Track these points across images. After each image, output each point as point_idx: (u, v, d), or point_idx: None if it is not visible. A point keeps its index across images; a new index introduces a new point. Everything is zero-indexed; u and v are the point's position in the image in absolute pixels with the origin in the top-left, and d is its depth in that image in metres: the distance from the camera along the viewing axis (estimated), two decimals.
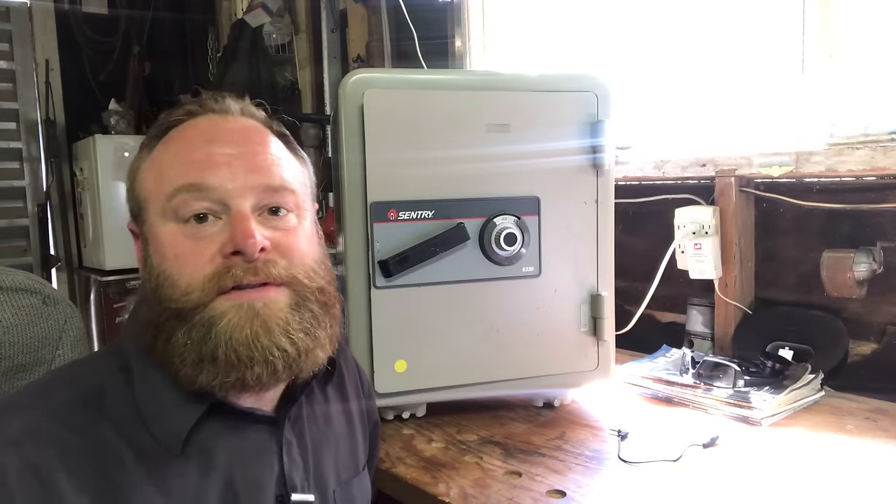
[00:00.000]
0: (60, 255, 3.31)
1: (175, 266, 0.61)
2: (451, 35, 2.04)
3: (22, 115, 3.23)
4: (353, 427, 0.79)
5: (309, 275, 0.65)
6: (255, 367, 0.59)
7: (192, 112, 0.67)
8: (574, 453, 0.94)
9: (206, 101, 0.68)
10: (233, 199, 0.62)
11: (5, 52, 3.20)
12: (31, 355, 0.79)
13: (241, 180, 0.63)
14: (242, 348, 0.59)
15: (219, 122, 0.67)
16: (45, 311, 0.81)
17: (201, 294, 0.60)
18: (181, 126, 0.66)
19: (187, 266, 0.61)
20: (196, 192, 0.62)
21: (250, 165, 0.64)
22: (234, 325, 0.59)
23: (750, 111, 1.38)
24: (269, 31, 2.80)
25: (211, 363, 0.59)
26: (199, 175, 0.62)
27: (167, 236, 0.62)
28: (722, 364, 1.13)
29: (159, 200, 0.63)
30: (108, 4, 3.49)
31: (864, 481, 0.84)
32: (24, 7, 3.24)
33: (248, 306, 0.60)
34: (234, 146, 0.64)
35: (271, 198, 0.64)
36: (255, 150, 0.65)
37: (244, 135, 0.66)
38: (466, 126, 1.01)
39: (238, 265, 0.60)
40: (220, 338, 0.59)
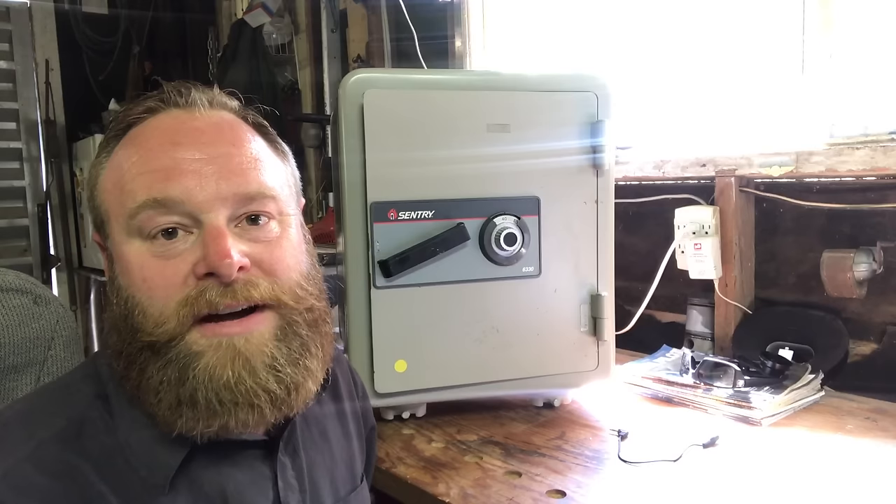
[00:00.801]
0: (60, 255, 3.31)
1: (144, 291, 0.54)
2: (451, 35, 2.04)
3: (22, 115, 3.23)
4: (350, 436, 0.75)
5: (296, 294, 0.58)
6: (239, 412, 0.54)
7: (152, 108, 0.59)
8: (574, 453, 0.94)
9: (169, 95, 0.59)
10: (204, 212, 0.55)
11: (5, 52, 3.20)
12: (22, 356, 0.79)
13: (213, 189, 0.55)
14: (225, 392, 0.53)
15: (184, 120, 0.58)
16: (37, 311, 0.81)
17: (176, 324, 0.53)
18: (141, 125, 0.58)
19: (157, 290, 0.54)
20: (160, 207, 0.54)
21: (223, 171, 0.56)
22: (213, 366, 0.53)
23: (750, 111, 1.38)
24: (269, 31, 2.80)
25: (190, 408, 0.53)
26: (163, 187, 0.54)
27: (133, 256, 0.55)
28: (722, 364, 1.13)
29: (121, 216, 0.56)
30: (108, 4, 3.49)
31: (864, 481, 0.84)
32: (24, 7, 3.24)
33: (228, 344, 0.54)
34: (203, 148, 0.56)
35: (248, 206, 0.57)
36: (227, 151, 0.57)
37: (215, 134, 0.58)
38: (466, 126, 1.01)
39: (213, 288, 0.54)
40: (198, 380, 0.53)
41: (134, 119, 0.59)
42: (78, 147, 3.18)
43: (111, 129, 0.60)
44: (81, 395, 0.57)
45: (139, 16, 3.48)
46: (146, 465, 0.55)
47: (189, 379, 0.53)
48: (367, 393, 0.87)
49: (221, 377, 0.53)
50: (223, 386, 0.53)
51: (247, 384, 0.54)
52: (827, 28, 1.23)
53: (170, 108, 0.59)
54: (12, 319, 0.78)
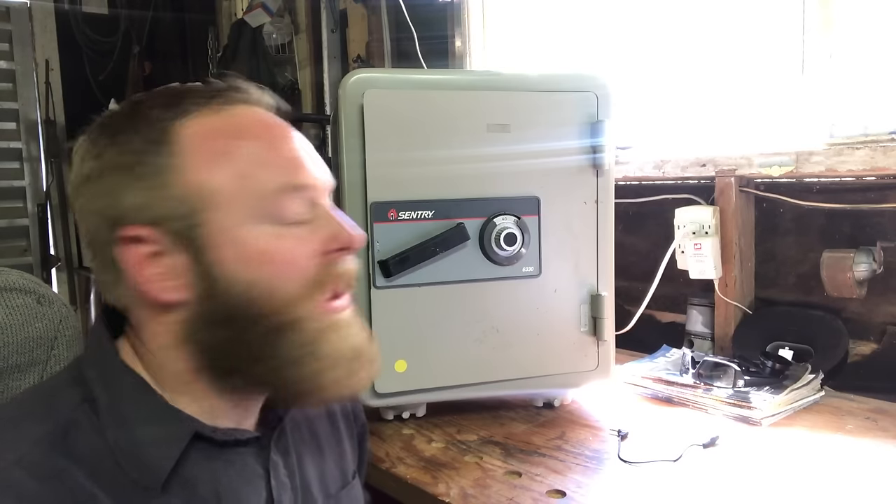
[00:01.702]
0: (60, 255, 3.31)
1: (274, 271, 0.56)
2: (451, 35, 2.04)
3: (22, 115, 3.23)
4: (340, 434, 0.75)
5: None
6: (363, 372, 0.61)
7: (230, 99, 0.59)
8: (574, 453, 0.94)
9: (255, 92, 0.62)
10: (322, 197, 0.61)
11: (5, 52, 3.20)
12: (25, 355, 0.79)
13: (325, 177, 0.62)
14: (357, 354, 0.60)
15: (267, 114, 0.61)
16: (40, 310, 0.81)
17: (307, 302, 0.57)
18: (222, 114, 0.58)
19: (291, 270, 0.57)
20: (296, 192, 0.58)
21: (320, 163, 0.62)
22: (344, 337, 0.60)
23: (750, 111, 1.38)
24: (269, 31, 2.80)
25: (333, 370, 0.58)
26: (299, 174, 0.58)
27: (262, 239, 0.56)
28: (722, 364, 1.13)
29: (247, 199, 0.56)
30: (108, 4, 3.49)
31: (864, 481, 0.84)
32: (24, 7, 3.24)
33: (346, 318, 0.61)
34: (303, 142, 0.62)
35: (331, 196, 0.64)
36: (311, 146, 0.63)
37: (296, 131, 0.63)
38: (466, 126, 1.01)
39: (340, 263, 0.59)
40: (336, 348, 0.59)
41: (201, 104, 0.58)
42: None
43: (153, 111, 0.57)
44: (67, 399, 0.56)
45: (139, 16, 3.48)
46: (137, 466, 0.54)
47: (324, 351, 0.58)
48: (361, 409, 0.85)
49: (353, 343, 0.60)
50: (355, 349, 0.60)
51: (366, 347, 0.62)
52: (827, 28, 1.23)
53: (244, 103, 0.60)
54: (16, 319, 0.78)
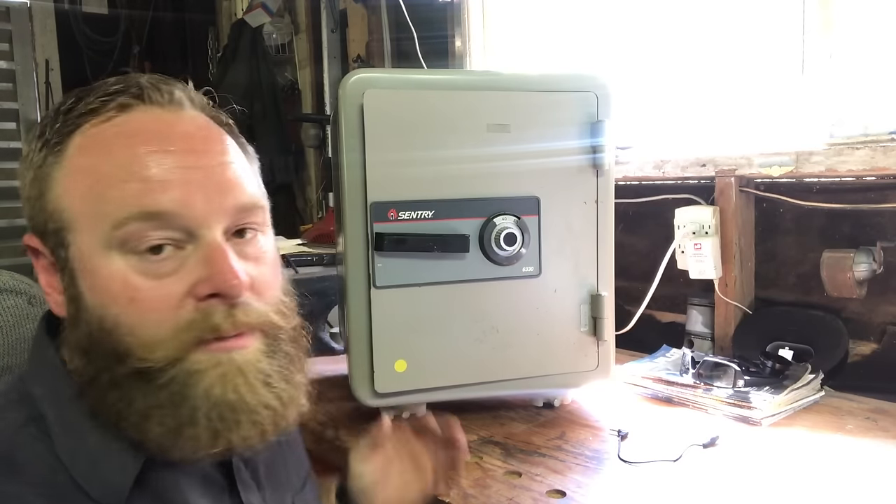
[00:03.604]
0: None
1: (133, 314, 0.49)
2: (451, 35, 2.04)
3: (22, 115, 3.23)
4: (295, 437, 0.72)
5: (282, 312, 0.56)
6: (242, 430, 0.51)
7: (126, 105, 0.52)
8: (574, 453, 0.94)
9: (147, 91, 0.53)
10: (201, 227, 0.51)
11: (5, 52, 3.20)
12: (16, 357, 0.78)
13: (210, 202, 0.51)
14: (227, 411, 0.50)
15: (168, 122, 0.53)
16: (31, 311, 0.80)
17: (175, 349, 0.49)
18: (111, 122, 0.52)
19: (150, 313, 0.49)
20: (154, 220, 0.49)
21: (217, 182, 0.52)
22: (214, 385, 0.50)
23: (750, 111, 1.38)
24: (269, 31, 2.80)
25: (191, 428, 0.50)
26: (157, 199, 0.49)
27: (115, 273, 0.49)
28: (722, 364, 1.13)
29: (99, 226, 0.50)
30: (108, 4, 3.49)
31: (864, 481, 0.84)
32: (24, 7, 3.24)
33: (229, 360, 0.51)
34: (194, 157, 0.52)
35: (242, 219, 0.54)
36: (219, 161, 0.53)
37: (202, 140, 0.54)
38: (466, 126, 1.01)
39: (218, 311, 0.50)
40: (199, 400, 0.50)
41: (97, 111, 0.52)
42: None
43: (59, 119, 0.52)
44: (12, 420, 0.51)
45: (139, 16, 3.49)
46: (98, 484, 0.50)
47: (189, 399, 0.50)
48: None
49: (223, 395, 0.50)
50: (225, 404, 0.50)
51: (248, 401, 0.51)
52: (827, 28, 1.23)
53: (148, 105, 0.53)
54: (6, 320, 0.78)
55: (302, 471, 0.72)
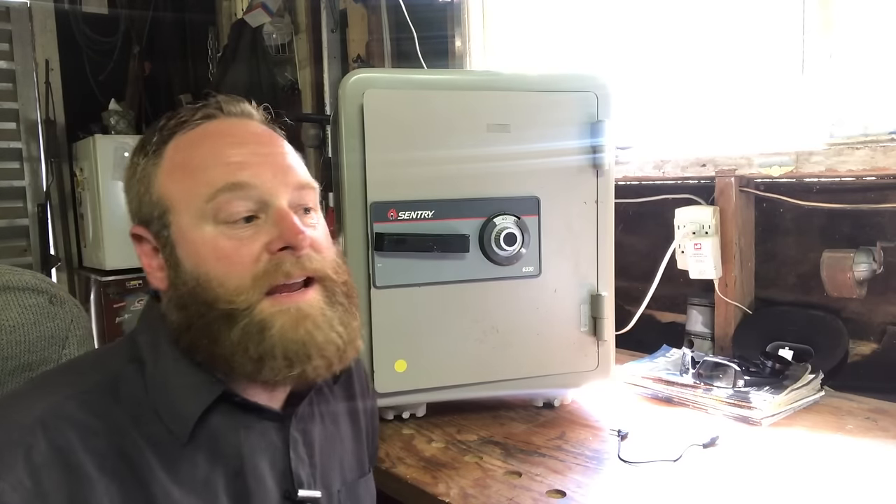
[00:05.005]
0: (60, 255, 3.31)
1: (220, 267, 0.62)
2: (451, 35, 2.04)
3: (22, 115, 3.23)
4: (359, 428, 0.79)
5: (337, 270, 0.67)
6: (314, 360, 0.62)
7: (210, 115, 0.68)
8: (574, 453, 0.94)
9: (224, 105, 0.69)
10: (273, 196, 0.64)
11: (5, 52, 3.20)
12: (37, 354, 0.80)
13: (277, 178, 0.65)
14: (299, 347, 0.62)
15: (242, 125, 0.68)
16: (52, 310, 0.82)
17: (251, 294, 0.61)
18: (198, 129, 0.67)
19: (234, 266, 0.62)
20: (238, 190, 0.63)
21: (280, 165, 0.66)
22: (286, 328, 0.61)
23: (750, 111, 1.38)
24: (269, 31, 2.80)
25: (271, 359, 0.61)
26: (238, 174, 0.63)
27: (207, 238, 0.62)
28: (722, 364, 1.13)
29: (194, 203, 0.63)
30: (108, 4, 3.49)
31: (864, 481, 0.84)
32: (24, 7, 3.24)
33: (295, 308, 0.62)
34: (263, 147, 0.67)
35: (301, 196, 0.66)
36: (280, 151, 0.68)
37: (267, 138, 0.69)
38: (466, 126, 1.01)
39: (287, 260, 0.62)
40: (275, 338, 0.61)
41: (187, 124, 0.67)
42: (78, 147, 3.17)
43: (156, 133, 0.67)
44: (119, 357, 0.65)
45: (139, 16, 3.48)
46: (170, 415, 0.61)
47: (266, 339, 0.61)
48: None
49: (295, 335, 0.62)
50: (296, 341, 0.61)
51: (315, 340, 0.62)
52: (827, 28, 1.23)
53: (226, 116, 0.68)
54: (28, 318, 0.80)
55: (358, 470, 0.77)
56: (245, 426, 0.64)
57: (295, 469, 0.66)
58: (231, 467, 0.63)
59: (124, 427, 0.59)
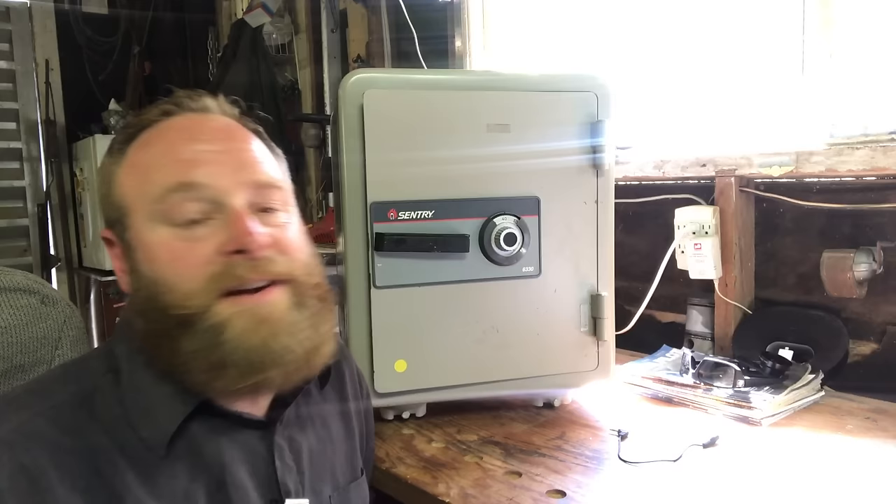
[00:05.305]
0: (60, 255, 3.31)
1: (172, 270, 0.59)
2: (451, 35, 2.04)
3: (22, 115, 3.23)
4: (352, 431, 0.78)
5: (307, 271, 0.64)
6: (269, 370, 0.59)
7: (168, 112, 0.65)
8: (574, 453, 0.94)
9: (183, 100, 0.66)
10: (226, 196, 0.61)
11: (5, 52, 3.20)
12: (30, 355, 0.79)
13: (232, 176, 0.61)
14: (254, 354, 0.58)
15: (199, 121, 0.65)
16: (44, 311, 0.81)
17: (204, 297, 0.58)
18: (157, 126, 0.64)
19: (186, 269, 0.59)
20: (188, 191, 0.60)
21: (238, 162, 0.63)
22: (242, 332, 0.58)
23: (750, 111, 1.38)
24: (269, 31, 2.80)
25: (223, 369, 0.58)
26: (189, 173, 0.60)
27: (160, 240, 0.60)
28: (722, 364, 1.13)
29: (146, 204, 0.61)
30: (108, 4, 3.49)
31: (864, 481, 0.84)
32: (24, 7, 3.24)
33: (253, 311, 0.59)
34: (220, 143, 0.63)
35: (262, 195, 0.63)
36: (240, 146, 0.65)
37: (227, 132, 0.65)
38: (466, 126, 1.01)
39: (240, 264, 0.59)
40: (230, 345, 0.58)
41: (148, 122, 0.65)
42: (78, 147, 3.17)
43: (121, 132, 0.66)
44: (94, 368, 0.63)
45: (139, 16, 3.48)
46: (147, 428, 0.59)
47: (221, 345, 0.57)
48: (370, 394, 0.89)
49: (251, 341, 0.58)
50: (252, 349, 0.58)
51: (273, 347, 0.59)
52: (827, 28, 1.23)
53: (184, 111, 0.66)
54: (20, 319, 0.79)
55: (350, 474, 0.75)
56: (226, 435, 0.62)
57: (281, 478, 0.64)
58: (213, 478, 0.60)
59: (98, 442, 0.57)
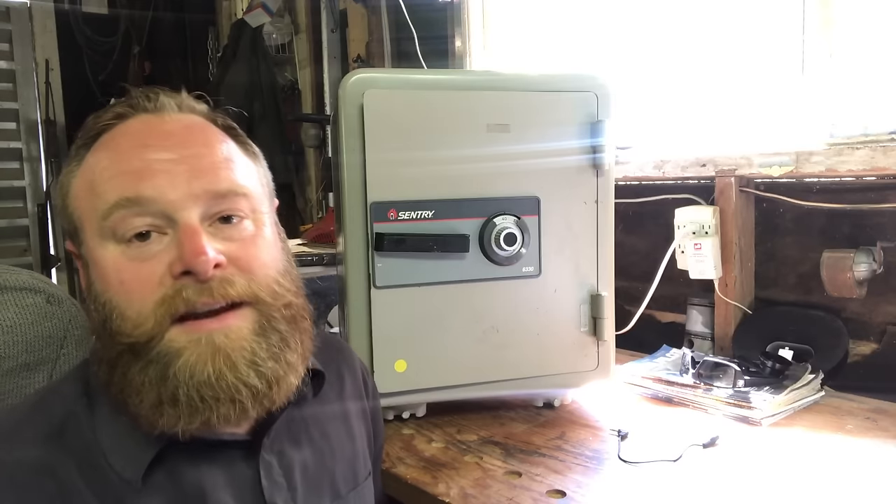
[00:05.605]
0: (60, 254, 3.31)
1: (121, 294, 0.54)
2: (451, 35, 2.04)
3: (22, 115, 3.24)
4: (353, 436, 0.73)
5: (273, 291, 0.58)
6: (221, 408, 0.54)
7: (121, 114, 0.60)
8: (574, 453, 0.94)
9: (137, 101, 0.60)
10: (177, 210, 0.55)
11: (5, 52, 3.20)
12: (35, 354, 0.79)
13: (185, 188, 0.55)
14: (206, 388, 0.53)
15: (153, 124, 0.59)
16: (50, 310, 0.81)
17: (154, 324, 0.53)
18: (111, 131, 0.59)
19: (134, 293, 0.54)
20: (134, 206, 0.54)
21: (194, 170, 0.56)
22: (194, 363, 0.53)
23: (750, 111, 1.38)
24: (269, 31, 2.81)
25: (171, 406, 0.53)
26: (136, 187, 0.54)
27: (108, 260, 0.55)
28: (722, 364, 1.13)
29: (94, 219, 0.56)
30: (108, 4, 3.49)
31: (864, 481, 0.84)
32: (24, 7, 3.24)
33: (207, 340, 0.54)
34: (173, 149, 0.57)
35: (221, 205, 0.57)
36: (197, 152, 0.58)
37: (184, 136, 0.59)
38: (466, 126, 1.01)
39: (190, 286, 0.53)
40: (179, 378, 0.53)
41: (103, 126, 0.59)
42: None
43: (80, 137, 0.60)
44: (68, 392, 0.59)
45: (139, 16, 3.49)
46: (120, 461, 0.55)
47: (170, 377, 0.53)
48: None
49: (202, 373, 0.53)
50: (204, 382, 0.53)
51: (228, 380, 0.54)
52: (827, 28, 1.23)
53: (139, 113, 0.60)
54: (25, 318, 0.79)
55: (353, 479, 0.70)
56: (207, 458, 0.57)
57: (269, 497, 0.59)
58: None
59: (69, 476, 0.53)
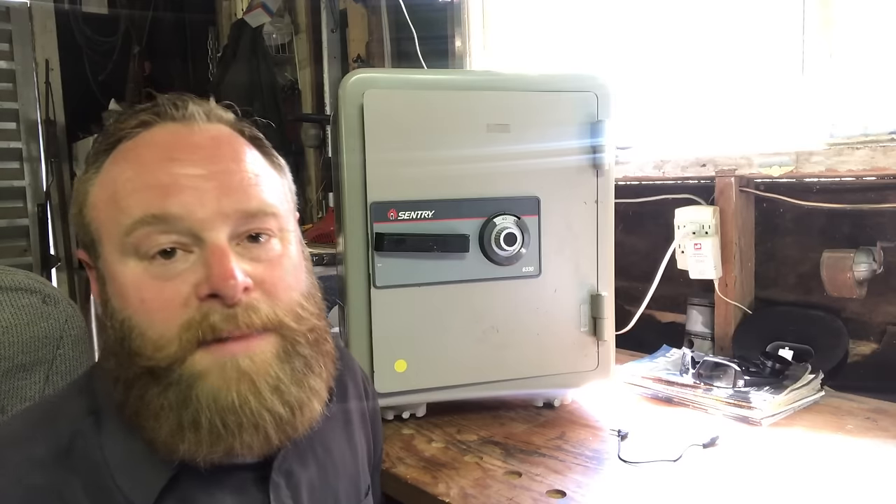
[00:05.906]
0: (60, 254, 3.32)
1: (142, 313, 0.52)
2: (451, 35, 2.04)
3: (22, 115, 3.24)
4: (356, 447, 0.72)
5: (297, 315, 0.56)
6: (244, 435, 0.52)
7: (146, 122, 0.56)
8: (574, 453, 0.94)
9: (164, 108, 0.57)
10: (205, 230, 0.52)
11: (5, 52, 3.20)
12: (31, 355, 0.79)
13: (214, 206, 0.53)
14: (229, 414, 0.51)
15: (182, 134, 0.56)
16: (46, 310, 0.81)
17: (178, 349, 0.51)
18: (135, 139, 0.56)
19: (156, 313, 0.51)
20: (160, 223, 0.52)
21: (223, 187, 0.54)
22: (218, 389, 0.51)
23: (750, 111, 1.38)
24: (269, 31, 2.81)
25: (193, 431, 0.51)
26: (162, 203, 0.52)
27: (130, 277, 0.52)
28: (722, 364, 1.13)
29: (115, 234, 0.53)
30: (108, 4, 3.49)
31: (864, 481, 0.84)
32: (24, 7, 3.24)
33: (232, 364, 0.51)
34: (202, 164, 0.54)
35: (249, 224, 0.55)
36: (227, 167, 0.55)
37: (213, 149, 0.56)
38: (466, 126, 1.01)
39: (216, 311, 0.51)
40: (201, 403, 0.51)
41: (126, 133, 0.56)
42: (78, 147, 3.18)
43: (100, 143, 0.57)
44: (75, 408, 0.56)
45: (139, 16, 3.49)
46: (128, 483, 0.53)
47: (192, 401, 0.51)
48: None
49: (226, 399, 0.51)
50: (227, 408, 0.51)
51: (252, 406, 0.52)
52: (827, 28, 1.23)
53: (165, 121, 0.57)
54: (21, 318, 0.79)
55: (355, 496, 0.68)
56: (218, 485, 0.55)
57: None
58: None
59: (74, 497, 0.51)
